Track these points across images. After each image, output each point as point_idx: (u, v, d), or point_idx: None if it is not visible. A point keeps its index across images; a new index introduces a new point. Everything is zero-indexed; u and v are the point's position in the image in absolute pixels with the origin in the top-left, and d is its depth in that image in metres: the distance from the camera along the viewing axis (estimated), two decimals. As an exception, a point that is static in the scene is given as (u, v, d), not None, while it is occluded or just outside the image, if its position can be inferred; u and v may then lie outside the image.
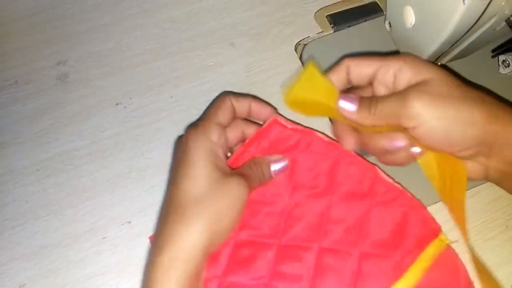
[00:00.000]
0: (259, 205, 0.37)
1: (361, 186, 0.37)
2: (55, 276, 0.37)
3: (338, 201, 0.37)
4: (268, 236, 0.36)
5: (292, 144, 0.39)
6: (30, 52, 0.48)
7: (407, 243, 0.35)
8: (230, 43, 0.48)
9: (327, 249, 0.35)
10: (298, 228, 0.36)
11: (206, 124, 0.35)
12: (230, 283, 0.34)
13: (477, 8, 0.30)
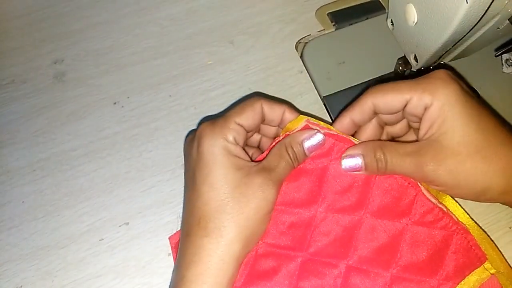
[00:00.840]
0: (283, 214, 0.33)
1: (399, 204, 0.33)
2: (52, 278, 0.37)
3: (370, 217, 0.33)
4: (291, 248, 0.33)
5: (324, 151, 0.34)
6: (27, 50, 0.48)
7: (446, 270, 0.33)
8: (230, 41, 0.48)
9: (355, 268, 0.33)
10: (325, 242, 0.33)
11: (223, 122, 0.32)
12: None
13: (480, 6, 0.30)
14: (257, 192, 0.30)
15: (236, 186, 0.30)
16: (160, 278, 0.36)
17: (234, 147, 0.31)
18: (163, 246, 0.38)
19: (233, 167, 0.30)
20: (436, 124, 0.30)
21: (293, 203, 0.34)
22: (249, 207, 0.29)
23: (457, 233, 0.34)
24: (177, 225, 0.38)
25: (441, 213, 0.34)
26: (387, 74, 0.45)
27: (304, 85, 0.45)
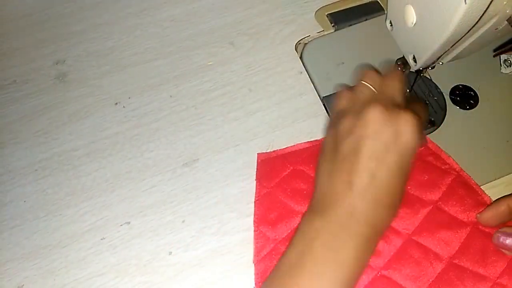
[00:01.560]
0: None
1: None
2: (54, 276, 0.37)
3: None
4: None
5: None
6: (28, 51, 0.48)
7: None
8: (230, 42, 0.48)
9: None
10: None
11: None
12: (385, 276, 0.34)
13: (478, 7, 0.30)
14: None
15: None
16: (161, 277, 0.37)
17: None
18: (164, 245, 0.38)
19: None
20: None
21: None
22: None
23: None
24: (177, 224, 0.39)
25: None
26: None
27: (303, 86, 0.45)
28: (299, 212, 0.37)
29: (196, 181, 0.40)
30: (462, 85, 0.44)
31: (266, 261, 0.36)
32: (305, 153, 0.41)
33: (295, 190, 0.38)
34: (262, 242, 0.37)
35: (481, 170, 0.40)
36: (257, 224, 0.38)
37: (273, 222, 0.37)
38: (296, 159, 0.40)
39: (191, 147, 0.42)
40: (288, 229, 0.37)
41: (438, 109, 0.43)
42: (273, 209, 0.38)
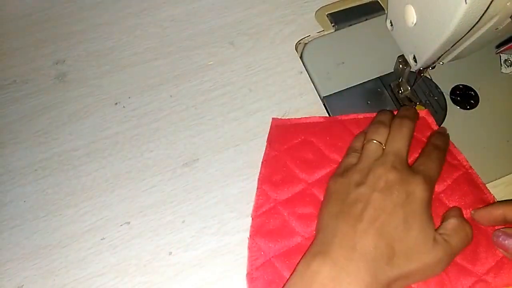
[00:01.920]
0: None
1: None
2: (54, 277, 0.37)
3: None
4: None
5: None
6: (28, 51, 0.48)
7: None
8: (230, 42, 0.48)
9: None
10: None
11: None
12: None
13: (479, 7, 0.30)
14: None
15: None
16: (161, 277, 0.37)
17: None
18: (164, 245, 0.38)
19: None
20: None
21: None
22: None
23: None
24: (177, 225, 0.39)
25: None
26: (387, 75, 0.45)
27: (304, 86, 0.45)
28: (302, 179, 0.39)
29: (196, 181, 0.40)
30: (463, 85, 0.44)
31: (263, 217, 0.38)
32: (318, 126, 0.42)
33: (302, 158, 0.40)
34: (263, 199, 0.38)
35: (481, 170, 0.40)
36: (261, 183, 0.39)
37: (276, 184, 0.39)
38: (308, 130, 0.42)
39: (191, 147, 0.42)
40: (289, 193, 0.38)
41: (438, 109, 0.43)
42: (278, 172, 0.39)
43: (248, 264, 0.36)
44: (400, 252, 0.31)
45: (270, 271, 0.35)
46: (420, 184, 0.33)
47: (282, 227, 0.37)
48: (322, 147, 0.40)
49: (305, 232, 0.36)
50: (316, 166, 0.39)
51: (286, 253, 0.36)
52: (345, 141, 0.40)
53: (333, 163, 0.39)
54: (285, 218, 0.37)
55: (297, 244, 0.36)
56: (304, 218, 0.37)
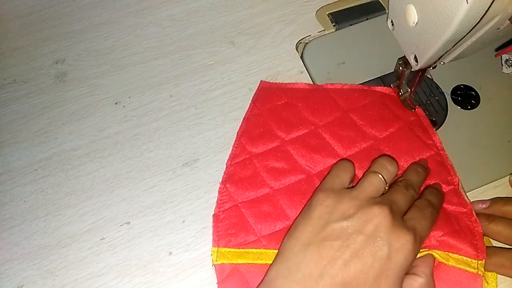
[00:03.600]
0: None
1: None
2: (54, 277, 0.37)
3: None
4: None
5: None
6: (28, 50, 0.48)
7: (442, 228, 0.35)
8: (231, 42, 0.48)
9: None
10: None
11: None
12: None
13: (480, 7, 0.30)
14: None
15: None
16: (161, 278, 0.37)
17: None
18: (164, 245, 0.38)
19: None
20: None
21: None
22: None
23: (471, 219, 0.36)
24: (177, 225, 0.39)
25: (469, 206, 0.37)
26: (387, 75, 0.45)
27: (304, 85, 0.45)
28: (279, 136, 0.41)
29: (197, 181, 0.40)
30: (464, 85, 0.44)
31: (237, 166, 0.40)
32: (303, 92, 0.44)
33: (283, 118, 0.42)
34: (239, 151, 0.41)
35: (482, 170, 0.40)
36: (240, 136, 0.42)
37: (253, 138, 0.41)
38: (293, 94, 0.43)
39: (192, 146, 0.42)
40: (265, 147, 0.40)
41: (439, 109, 0.43)
42: (258, 128, 0.42)
43: (216, 206, 0.38)
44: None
45: (236, 214, 0.37)
46: (409, 242, 0.30)
47: (253, 177, 0.39)
48: (303, 110, 0.42)
49: (274, 184, 0.38)
50: (294, 126, 0.41)
51: (253, 201, 0.38)
52: (327, 108, 0.42)
53: (311, 125, 0.41)
54: (257, 169, 0.39)
55: (265, 194, 0.38)
56: (275, 171, 0.39)
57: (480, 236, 0.35)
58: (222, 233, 0.36)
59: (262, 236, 0.36)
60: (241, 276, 0.35)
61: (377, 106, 0.42)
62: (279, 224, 0.36)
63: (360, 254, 0.29)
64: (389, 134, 0.40)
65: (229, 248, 0.36)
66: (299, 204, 0.37)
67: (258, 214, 0.37)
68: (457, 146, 0.41)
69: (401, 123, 0.41)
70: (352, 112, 0.42)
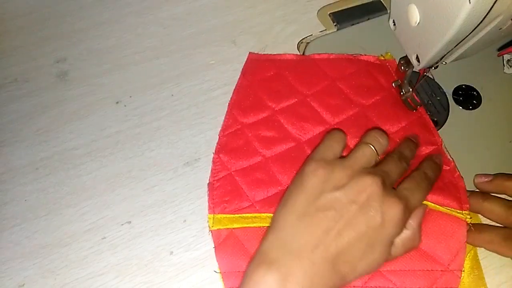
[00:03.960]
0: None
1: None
2: (55, 276, 0.37)
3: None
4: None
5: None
6: (29, 49, 0.48)
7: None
8: (232, 41, 0.48)
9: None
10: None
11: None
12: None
13: (482, 7, 0.30)
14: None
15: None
16: (162, 277, 0.36)
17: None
18: (165, 245, 0.38)
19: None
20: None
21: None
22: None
23: (454, 175, 0.38)
24: (178, 224, 0.39)
25: (452, 164, 0.39)
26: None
27: (306, 85, 0.45)
28: (269, 106, 0.42)
29: (198, 180, 0.40)
30: (465, 85, 0.44)
31: (229, 137, 0.41)
32: (291, 62, 0.45)
33: (272, 89, 0.43)
34: (231, 122, 0.42)
35: (483, 170, 0.40)
36: (231, 107, 0.43)
37: (245, 109, 0.42)
38: (281, 65, 0.45)
39: (193, 146, 0.42)
40: (256, 118, 0.42)
41: (441, 109, 0.43)
42: (248, 99, 0.43)
43: (210, 175, 0.39)
44: (357, 269, 0.30)
45: (230, 182, 0.39)
46: (400, 211, 0.31)
47: (245, 146, 0.40)
48: (292, 81, 0.43)
49: (265, 153, 0.40)
50: (284, 96, 0.43)
51: (245, 169, 0.39)
52: (315, 77, 0.44)
53: (299, 95, 0.43)
54: (249, 139, 0.40)
55: (257, 163, 0.39)
56: (266, 140, 0.40)
57: (463, 190, 0.37)
58: (217, 201, 0.38)
59: (255, 202, 0.38)
60: (237, 239, 0.36)
61: (363, 75, 0.44)
62: (272, 190, 0.38)
63: (353, 223, 0.30)
64: (375, 101, 0.42)
65: (224, 214, 0.37)
66: (290, 171, 0.38)
67: (251, 181, 0.38)
68: (458, 146, 0.41)
69: (385, 90, 0.43)
70: (339, 81, 0.43)
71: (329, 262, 0.29)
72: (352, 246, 0.30)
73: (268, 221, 0.36)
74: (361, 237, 0.30)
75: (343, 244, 0.30)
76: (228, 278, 0.35)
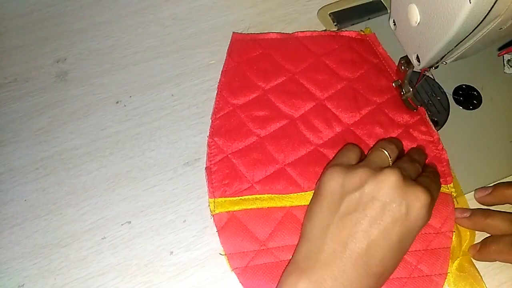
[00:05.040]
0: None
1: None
2: (54, 276, 0.37)
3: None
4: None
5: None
6: (29, 49, 0.48)
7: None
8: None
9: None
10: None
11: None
12: (320, 151, 0.40)
13: (483, 7, 0.30)
14: None
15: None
16: (162, 277, 0.36)
17: None
18: (165, 245, 0.38)
19: None
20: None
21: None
22: None
23: (438, 147, 0.40)
24: (178, 224, 0.39)
25: (436, 136, 0.41)
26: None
27: (306, 85, 0.45)
28: (259, 86, 0.43)
29: (198, 180, 0.40)
30: (466, 85, 0.44)
31: (222, 119, 0.42)
32: (275, 41, 0.46)
33: (260, 68, 0.44)
34: (222, 104, 0.42)
35: (484, 170, 0.40)
36: (220, 90, 0.43)
37: (235, 90, 0.43)
38: (267, 44, 0.46)
39: (193, 146, 0.42)
40: (247, 98, 0.43)
41: (441, 109, 0.43)
42: (238, 80, 0.44)
43: (207, 159, 0.40)
44: (390, 266, 0.30)
45: (228, 165, 0.39)
46: (427, 198, 0.30)
47: (239, 127, 0.41)
48: (278, 59, 0.45)
49: (260, 132, 0.41)
50: (272, 75, 0.44)
51: (242, 151, 0.40)
52: (301, 55, 0.45)
53: (288, 73, 0.44)
54: (242, 120, 0.41)
55: (252, 143, 0.40)
56: (259, 120, 0.41)
57: (447, 162, 0.39)
58: (217, 184, 0.38)
59: (255, 182, 0.38)
60: (239, 221, 0.37)
61: (347, 50, 0.45)
62: (270, 169, 0.39)
63: (379, 221, 0.30)
64: (360, 74, 0.44)
65: (225, 198, 0.38)
66: (286, 147, 0.40)
67: (248, 162, 0.39)
68: (459, 146, 0.41)
69: (369, 63, 0.44)
70: (324, 56, 0.45)
71: (359, 265, 0.29)
72: (381, 244, 0.29)
73: (269, 202, 0.37)
74: (389, 234, 0.29)
75: (370, 244, 0.29)
76: (233, 259, 0.36)
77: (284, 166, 0.39)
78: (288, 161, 0.39)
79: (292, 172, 0.39)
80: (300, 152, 0.40)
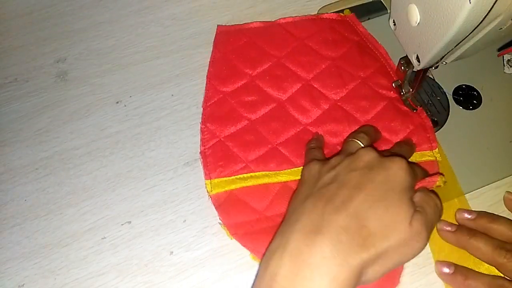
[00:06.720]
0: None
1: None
2: (54, 276, 0.37)
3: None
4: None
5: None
6: (29, 49, 0.48)
7: (396, 126, 0.41)
8: (232, 41, 0.48)
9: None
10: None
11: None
12: (309, 130, 0.42)
13: (483, 7, 0.30)
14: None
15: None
16: (162, 277, 0.36)
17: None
18: (165, 244, 0.38)
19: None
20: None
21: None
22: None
23: (422, 116, 0.41)
24: (178, 224, 0.39)
25: (421, 109, 0.42)
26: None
27: (306, 85, 0.45)
28: (246, 73, 0.44)
29: (198, 180, 0.40)
30: (465, 85, 0.44)
31: (213, 107, 0.43)
32: (259, 30, 0.47)
33: (247, 56, 0.45)
34: (212, 92, 0.44)
35: (484, 170, 0.40)
36: (210, 79, 0.44)
37: (223, 78, 0.44)
38: (251, 33, 0.47)
39: (193, 146, 0.42)
40: (236, 85, 0.44)
41: (441, 109, 0.43)
42: (225, 69, 0.45)
43: (201, 144, 0.41)
44: (376, 231, 0.28)
45: (222, 149, 0.40)
46: (404, 162, 0.30)
47: (230, 113, 0.42)
48: (263, 46, 0.46)
49: (251, 116, 0.42)
50: (258, 61, 0.45)
51: (234, 134, 0.41)
52: (284, 40, 0.46)
53: (273, 58, 0.45)
54: (233, 106, 0.42)
55: (244, 126, 0.41)
56: (249, 105, 0.43)
57: (431, 129, 0.41)
58: (212, 166, 0.39)
59: (249, 162, 0.40)
60: (236, 197, 0.38)
61: (328, 31, 0.46)
62: (263, 149, 0.40)
63: (359, 185, 0.29)
64: (343, 53, 0.45)
65: (221, 178, 0.39)
66: (277, 129, 0.41)
67: (241, 144, 0.40)
68: (459, 147, 0.41)
69: (350, 42, 0.46)
70: (307, 39, 0.46)
71: (341, 229, 0.27)
72: (363, 205, 0.28)
73: (264, 178, 0.39)
74: (370, 194, 0.29)
75: (351, 207, 0.28)
76: (233, 227, 0.37)
77: (276, 145, 0.41)
78: (279, 141, 0.41)
79: (284, 150, 0.40)
80: (291, 132, 0.41)
